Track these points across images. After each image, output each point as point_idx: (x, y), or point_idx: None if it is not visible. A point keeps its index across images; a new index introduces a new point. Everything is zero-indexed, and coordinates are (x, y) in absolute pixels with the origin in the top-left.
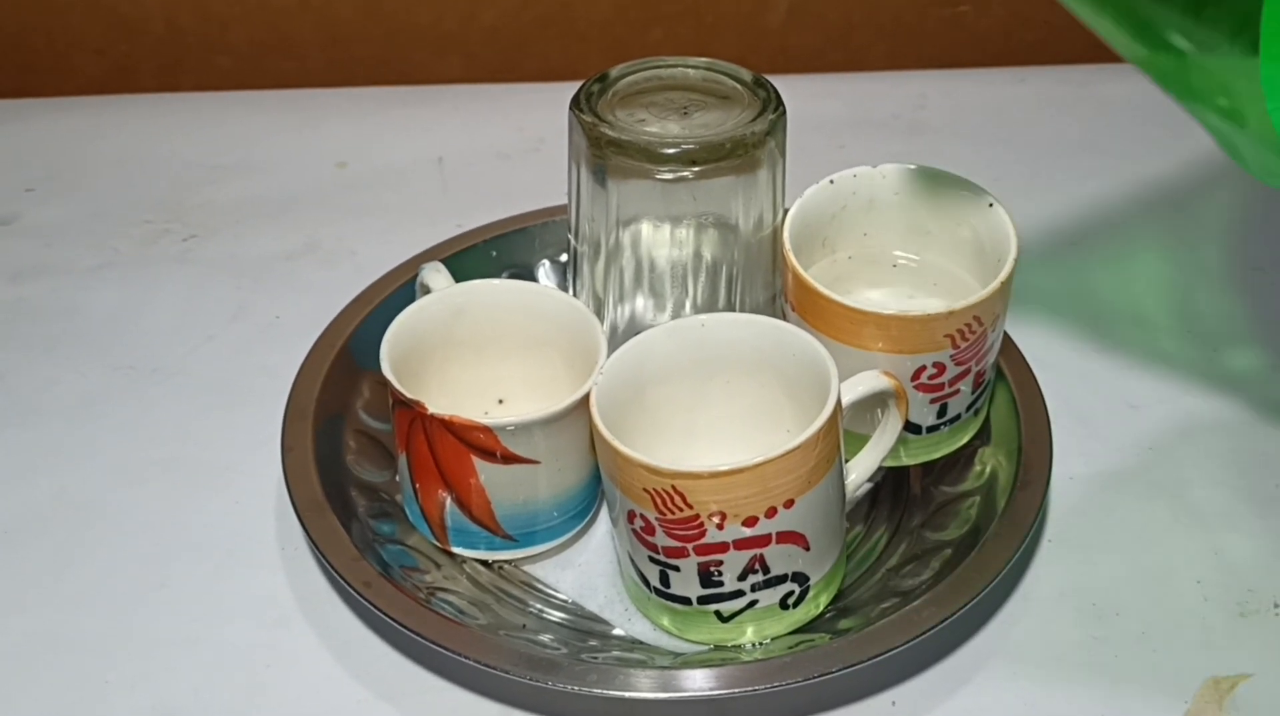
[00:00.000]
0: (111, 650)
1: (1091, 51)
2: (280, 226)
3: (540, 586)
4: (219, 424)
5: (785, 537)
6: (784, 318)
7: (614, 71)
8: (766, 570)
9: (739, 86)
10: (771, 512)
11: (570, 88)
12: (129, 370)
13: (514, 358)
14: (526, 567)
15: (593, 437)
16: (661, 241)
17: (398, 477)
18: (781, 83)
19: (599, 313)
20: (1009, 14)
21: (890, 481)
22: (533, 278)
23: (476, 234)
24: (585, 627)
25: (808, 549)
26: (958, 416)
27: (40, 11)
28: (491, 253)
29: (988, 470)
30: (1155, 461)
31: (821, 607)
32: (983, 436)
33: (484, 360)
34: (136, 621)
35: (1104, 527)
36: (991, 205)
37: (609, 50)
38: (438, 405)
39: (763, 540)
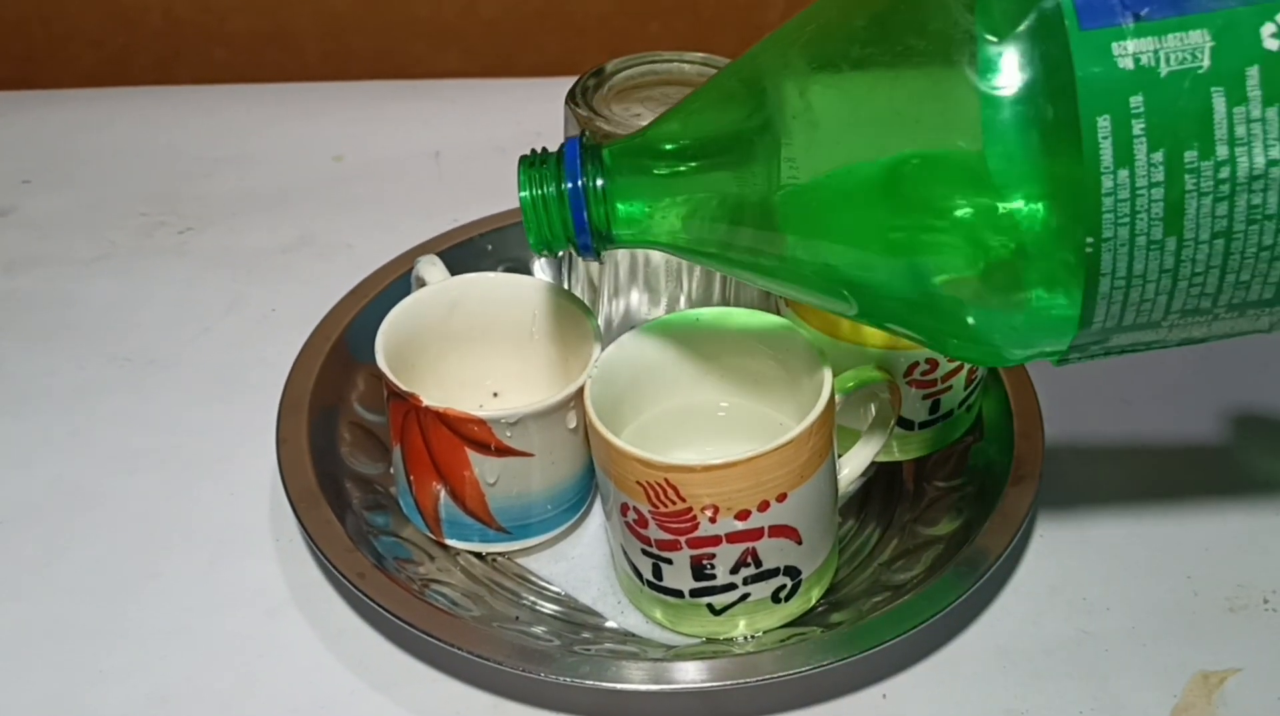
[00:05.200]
0: (105, 639)
1: None
2: (276, 219)
3: (533, 579)
4: (214, 415)
5: (778, 531)
6: (778, 312)
7: (609, 66)
8: (759, 563)
9: None
10: (764, 506)
11: (568, 82)
12: (125, 361)
13: (509, 351)
14: (520, 560)
15: (586, 430)
16: None
17: (392, 470)
18: None
19: (594, 306)
20: None
21: (883, 476)
22: (528, 271)
23: (472, 227)
24: (578, 620)
25: (800, 542)
26: (950, 412)
27: (37, 3)
28: (487, 246)
29: (980, 466)
30: (1147, 456)
31: (813, 601)
32: (975, 432)
33: (479, 353)
34: (131, 610)
35: (1095, 523)
36: None
37: (607, 44)
38: (432, 397)
39: (755, 533)
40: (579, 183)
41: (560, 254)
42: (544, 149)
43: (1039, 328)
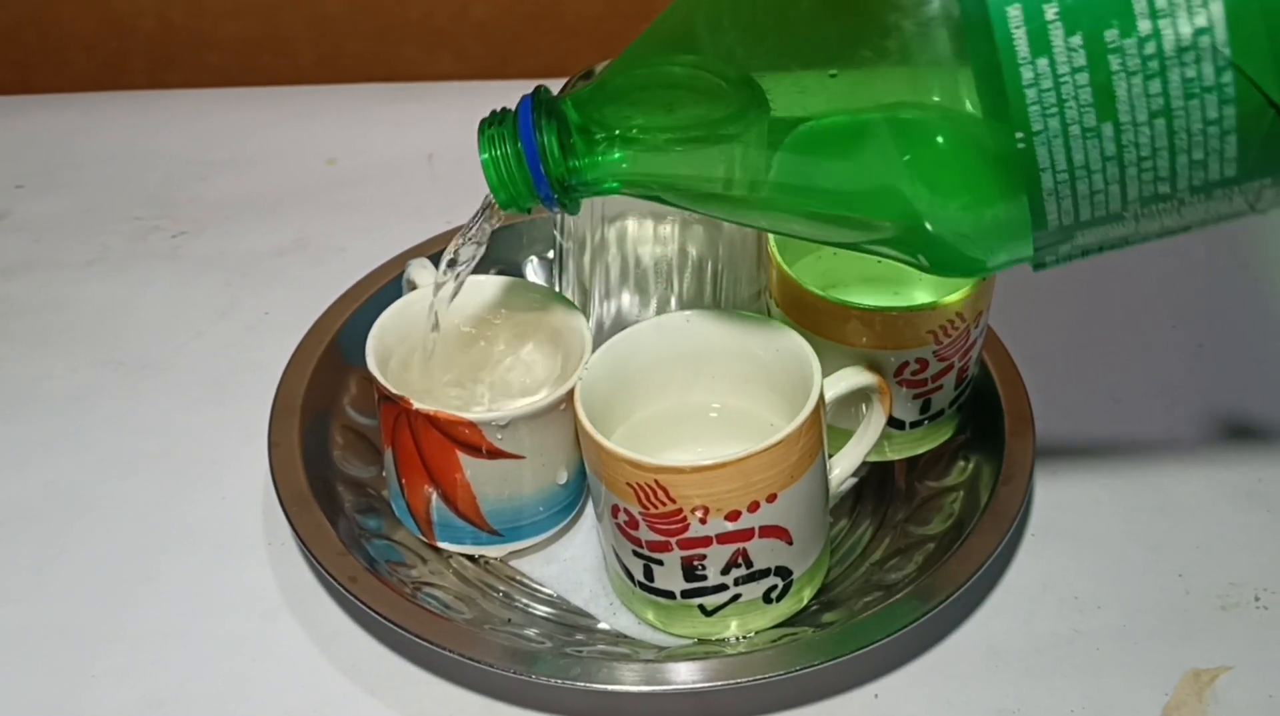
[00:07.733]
0: (98, 642)
1: None
2: (270, 223)
3: (525, 581)
4: (207, 419)
5: (768, 532)
6: (769, 313)
7: (599, 68)
8: (750, 564)
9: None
10: (754, 507)
11: (560, 84)
12: (118, 365)
13: (500, 353)
14: (512, 562)
15: (577, 433)
16: (646, 238)
17: (384, 473)
18: None
19: (585, 308)
20: None
21: (874, 476)
22: (520, 274)
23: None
24: (570, 622)
25: (791, 543)
26: (941, 412)
27: (32, 7)
28: None
29: (971, 465)
30: (1138, 455)
31: (805, 601)
32: (966, 431)
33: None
34: (123, 614)
35: (1086, 521)
36: None
37: (600, 46)
38: (423, 400)
39: (746, 534)
40: (532, 138)
41: (532, 210)
42: (503, 109)
43: (995, 232)
